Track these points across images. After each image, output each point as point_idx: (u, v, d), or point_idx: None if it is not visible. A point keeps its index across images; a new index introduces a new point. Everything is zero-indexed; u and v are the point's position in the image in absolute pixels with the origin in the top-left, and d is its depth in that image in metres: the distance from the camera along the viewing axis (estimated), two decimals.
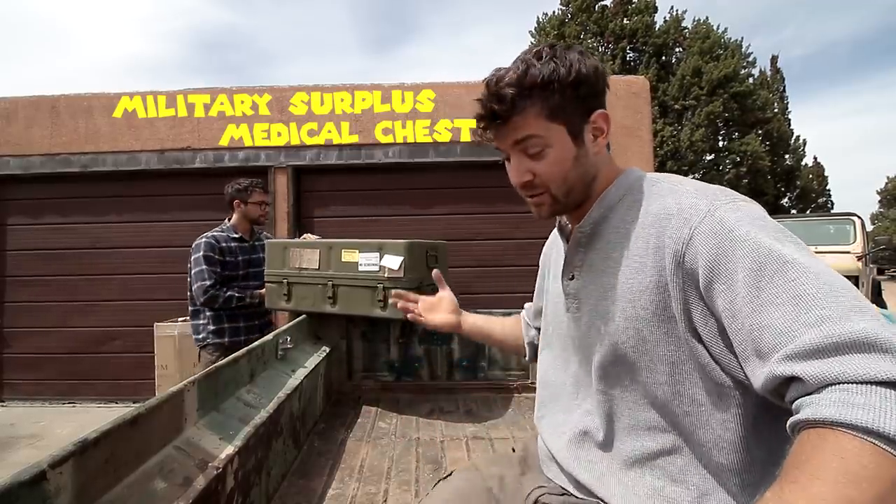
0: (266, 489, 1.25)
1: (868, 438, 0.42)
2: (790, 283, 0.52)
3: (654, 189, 0.70)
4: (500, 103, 0.68)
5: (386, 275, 1.85)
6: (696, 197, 0.63)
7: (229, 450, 1.03)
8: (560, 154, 0.70)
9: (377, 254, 1.88)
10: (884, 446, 0.41)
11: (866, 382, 0.44)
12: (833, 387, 0.45)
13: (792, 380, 0.49)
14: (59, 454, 0.65)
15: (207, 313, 2.29)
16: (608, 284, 0.70)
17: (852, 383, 0.44)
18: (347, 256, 1.94)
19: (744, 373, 0.57)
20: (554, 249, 0.92)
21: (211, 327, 2.30)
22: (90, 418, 3.96)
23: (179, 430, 0.97)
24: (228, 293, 2.26)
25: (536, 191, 0.73)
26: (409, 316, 1.16)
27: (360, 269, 1.91)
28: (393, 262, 1.84)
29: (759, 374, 0.53)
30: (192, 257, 2.26)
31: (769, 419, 0.62)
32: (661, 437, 0.67)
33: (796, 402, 0.48)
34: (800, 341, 0.48)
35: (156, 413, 0.89)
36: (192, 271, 2.24)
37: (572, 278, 0.77)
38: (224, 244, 2.32)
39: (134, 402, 4.23)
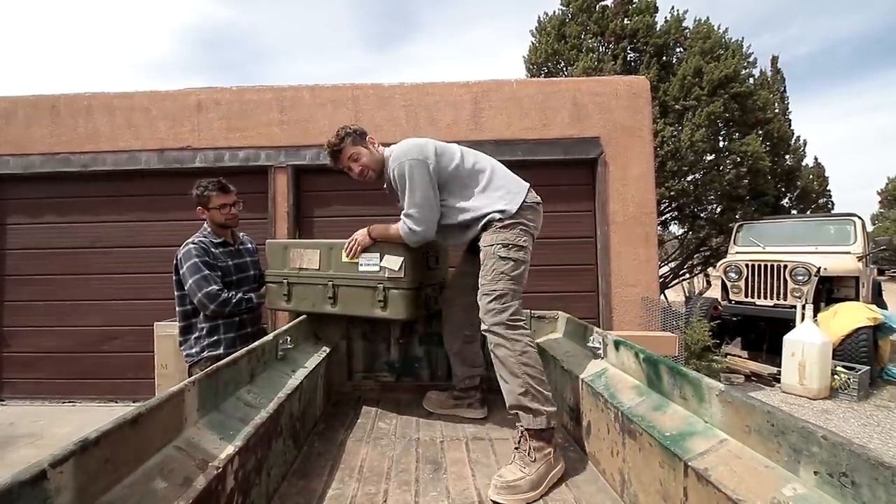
0: (266, 489, 1.25)
1: (398, 227, 1.77)
2: (406, 194, 1.72)
3: (387, 156, 1.82)
4: (335, 147, 1.86)
5: (386, 275, 1.85)
6: (391, 153, 1.80)
7: (229, 450, 1.02)
8: (367, 155, 1.86)
9: (377, 255, 1.88)
10: (397, 227, 1.78)
11: (402, 221, 1.75)
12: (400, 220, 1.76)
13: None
14: (59, 453, 0.65)
15: (201, 325, 2.07)
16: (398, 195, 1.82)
17: (400, 221, 1.76)
18: (347, 258, 1.93)
19: None
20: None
21: (204, 341, 2.06)
22: (90, 418, 3.96)
23: (180, 430, 0.97)
24: (238, 296, 2.07)
25: (363, 174, 1.86)
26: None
27: (361, 269, 1.91)
28: (393, 262, 1.84)
29: None
30: (186, 266, 2.01)
31: None
32: None
33: None
34: (402, 216, 1.76)
35: (156, 413, 0.89)
36: (190, 280, 1.99)
37: (398, 200, 1.82)
38: (212, 249, 2.10)
39: (134, 402, 4.23)
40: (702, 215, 8.33)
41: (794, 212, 9.82)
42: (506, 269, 1.57)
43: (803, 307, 4.77)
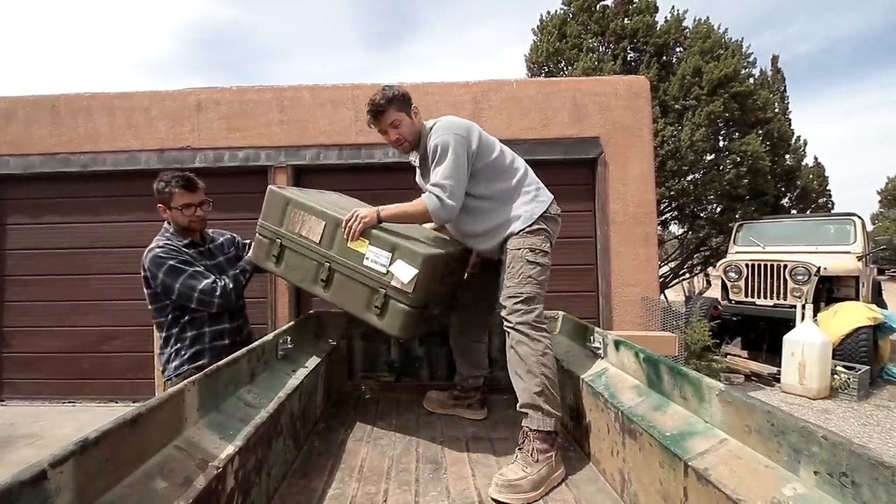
0: (266, 489, 1.25)
1: (421, 200, 1.62)
2: (442, 167, 1.62)
3: (426, 128, 1.76)
4: (380, 107, 1.70)
5: (392, 283, 1.55)
6: (431, 125, 1.74)
7: (229, 449, 1.02)
8: (407, 124, 1.74)
9: (389, 254, 1.57)
10: (421, 202, 1.61)
11: (430, 192, 1.61)
12: (426, 194, 1.64)
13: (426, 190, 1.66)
14: (59, 453, 0.65)
15: (184, 335, 1.82)
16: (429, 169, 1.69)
17: (427, 193, 1.63)
18: (355, 244, 1.61)
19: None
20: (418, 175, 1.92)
21: (186, 353, 1.81)
22: (90, 418, 3.96)
23: (180, 430, 0.97)
24: (232, 275, 1.84)
25: (400, 141, 1.75)
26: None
27: (364, 263, 1.59)
28: (404, 272, 1.52)
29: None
30: (161, 273, 1.74)
31: None
32: None
33: None
34: (433, 186, 1.62)
35: (156, 413, 0.89)
36: (177, 285, 1.73)
37: (423, 176, 1.79)
38: (178, 252, 1.82)
39: (134, 402, 4.23)
40: (702, 215, 8.33)
41: (793, 211, 9.82)
42: (533, 273, 1.59)
43: (803, 307, 4.77)
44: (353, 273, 1.62)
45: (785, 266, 5.31)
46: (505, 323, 1.59)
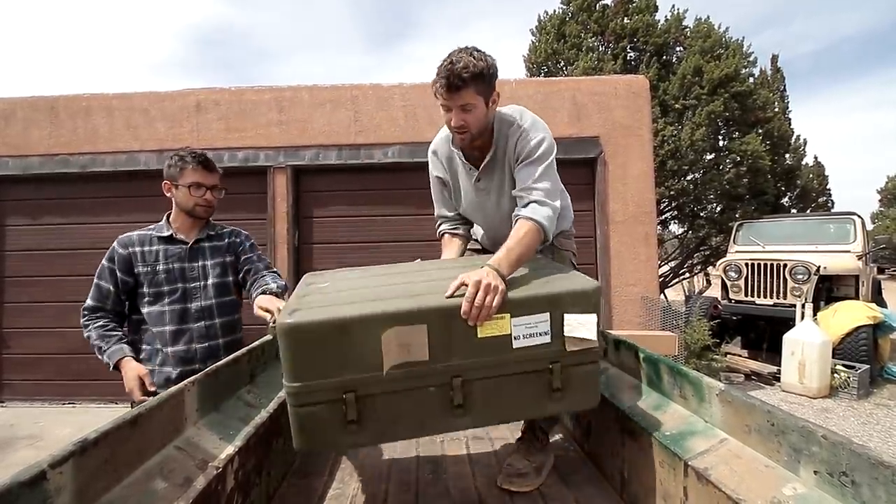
0: (266, 489, 1.25)
1: (530, 219, 1.26)
2: (544, 168, 1.34)
3: (505, 121, 1.41)
4: (459, 81, 1.23)
5: (569, 347, 1.08)
6: (519, 119, 1.41)
7: (229, 450, 1.03)
8: (480, 113, 1.32)
9: (547, 314, 1.07)
10: (533, 223, 1.25)
11: (535, 201, 1.29)
12: (528, 205, 1.29)
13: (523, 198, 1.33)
14: (59, 454, 0.65)
15: (145, 346, 1.66)
16: (501, 176, 1.45)
17: (532, 204, 1.29)
18: (490, 328, 1.05)
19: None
20: (453, 167, 1.56)
21: (151, 365, 1.64)
22: (90, 418, 3.96)
23: (180, 430, 0.97)
24: (91, 330, 1.61)
25: (464, 130, 1.34)
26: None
27: (516, 345, 1.07)
28: (586, 326, 1.07)
29: (518, 195, 1.36)
30: None
31: None
32: None
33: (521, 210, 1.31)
34: (534, 190, 1.32)
35: (156, 413, 0.89)
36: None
37: (479, 180, 1.47)
38: (139, 248, 1.62)
39: (133, 403, 4.23)
40: (702, 214, 8.34)
41: (793, 211, 9.82)
42: None
43: (803, 306, 4.77)
44: (503, 368, 1.08)
45: (785, 265, 5.32)
46: None
